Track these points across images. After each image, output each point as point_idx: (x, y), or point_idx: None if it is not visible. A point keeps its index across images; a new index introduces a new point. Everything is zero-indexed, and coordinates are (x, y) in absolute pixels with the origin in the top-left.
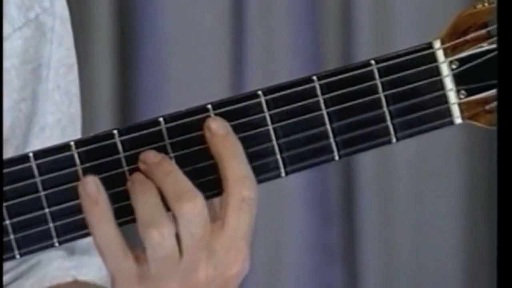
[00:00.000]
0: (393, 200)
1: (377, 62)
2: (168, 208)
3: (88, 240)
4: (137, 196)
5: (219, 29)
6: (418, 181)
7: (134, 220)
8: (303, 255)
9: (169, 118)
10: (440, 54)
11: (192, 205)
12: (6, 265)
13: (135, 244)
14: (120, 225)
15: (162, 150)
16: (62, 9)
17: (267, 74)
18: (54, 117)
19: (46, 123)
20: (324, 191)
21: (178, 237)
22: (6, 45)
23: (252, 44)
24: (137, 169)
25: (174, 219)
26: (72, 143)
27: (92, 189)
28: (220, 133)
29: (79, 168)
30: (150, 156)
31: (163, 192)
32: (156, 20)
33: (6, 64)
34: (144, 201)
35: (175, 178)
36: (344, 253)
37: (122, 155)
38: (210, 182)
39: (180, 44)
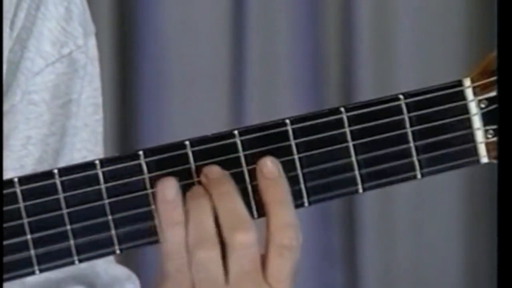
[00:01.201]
0: (393, 201)
1: (405, 97)
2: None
3: (111, 274)
4: (191, 212)
5: (219, 29)
6: (418, 183)
7: (156, 241)
8: (303, 256)
9: (195, 142)
10: (469, 92)
11: (246, 237)
12: None
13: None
14: (143, 245)
15: (187, 174)
16: (94, 48)
17: (267, 74)
18: (81, 154)
19: (73, 159)
20: None
21: (226, 265)
22: (37, 79)
23: (252, 44)
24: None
25: (225, 246)
26: (97, 162)
27: (171, 195)
28: (272, 177)
29: (102, 187)
30: (213, 171)
31: (218, 214)
32: (157, 20)
33: (36, 97)
34: (198, 219)
35: (232, 202)
36: (344, 254)
37: (146, 176)
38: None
39: (180, 44)
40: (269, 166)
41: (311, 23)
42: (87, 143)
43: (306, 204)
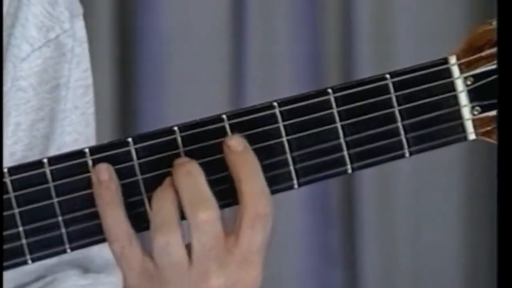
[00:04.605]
0: (394, 202)
1: (392, 76)
2: (183, 214)
3: (105, 258)
4: (154, 201)
5: (219, 28)
6: (418, 184)
7: (146, 228)
8: (304, 257)
9: (183, 127)
10: (455, 70)
11: (207, 215)
12: (21, 280)
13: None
14: (136, 231)
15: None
16: (81, 31)
17: (267, 74)
18: (71, 137)
19: (64, 143)
20: (325, 193)
21: (190, 246)
22: (24, 65)
23: (252, 43)
24: (150, 177)
25: (188, 226)
26: (86, 150)
27: (104, 176)
28: (238, 149)
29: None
30: (178, 159)
31: (180, 196)
32: (156, 20)
33: (24, 83)
34: (159, 207)
35: (193, 181)
36: (345, 255)
37: (135, 162)
38: (223, 192)
39: (180, 43)
40: (235, 140)
41: (310, 23)
42: (78, 125)
43: (296, 186)
